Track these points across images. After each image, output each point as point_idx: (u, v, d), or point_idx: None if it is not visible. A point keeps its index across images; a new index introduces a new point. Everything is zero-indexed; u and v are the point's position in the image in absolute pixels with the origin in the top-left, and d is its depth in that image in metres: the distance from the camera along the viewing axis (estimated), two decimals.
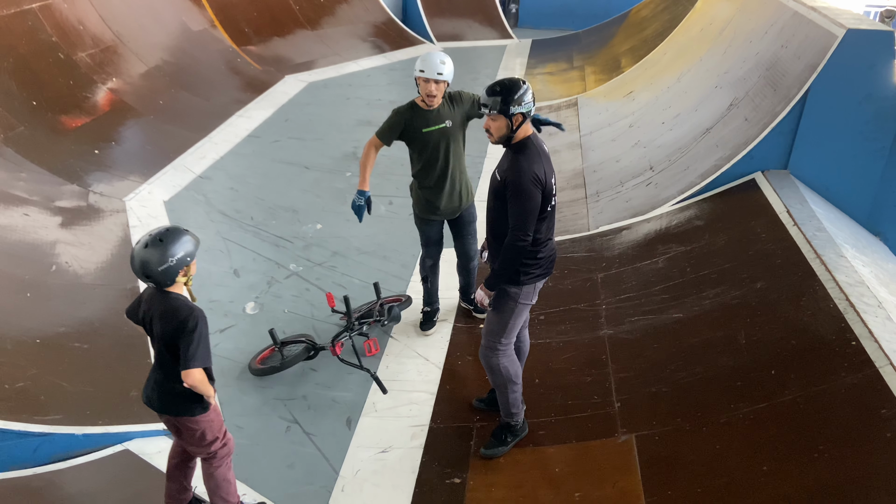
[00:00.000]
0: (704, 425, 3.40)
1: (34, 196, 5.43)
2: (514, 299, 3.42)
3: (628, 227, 5.61)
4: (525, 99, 3.18)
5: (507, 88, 3.17)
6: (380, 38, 13.04)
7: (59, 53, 7.25)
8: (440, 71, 4.08)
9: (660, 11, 11.79)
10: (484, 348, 3.58)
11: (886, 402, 2.97)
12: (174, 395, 2.87)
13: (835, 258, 4.06)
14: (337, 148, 8.13)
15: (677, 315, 4.28)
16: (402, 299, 4.99)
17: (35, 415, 3.60)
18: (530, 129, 3.30)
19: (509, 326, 3.48)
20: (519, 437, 3.72)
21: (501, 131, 3.23)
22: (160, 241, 2.68)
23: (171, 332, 2.75)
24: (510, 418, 3.69)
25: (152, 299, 2.83)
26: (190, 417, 2.91)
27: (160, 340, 2.80)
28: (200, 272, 5.33)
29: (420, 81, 4.14)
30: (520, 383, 3.63)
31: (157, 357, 2.87)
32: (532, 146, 3.25)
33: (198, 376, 2.77)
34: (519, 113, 3.18)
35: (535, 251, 3.35)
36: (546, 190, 3.22)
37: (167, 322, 2.76)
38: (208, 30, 10.16)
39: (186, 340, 2.72)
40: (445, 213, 4.47)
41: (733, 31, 7.50)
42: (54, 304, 4.54)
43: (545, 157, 3.28)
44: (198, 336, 2.74)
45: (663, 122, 7.20)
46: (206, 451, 3.01)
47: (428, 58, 4.12)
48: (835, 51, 4.92)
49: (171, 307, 2.76)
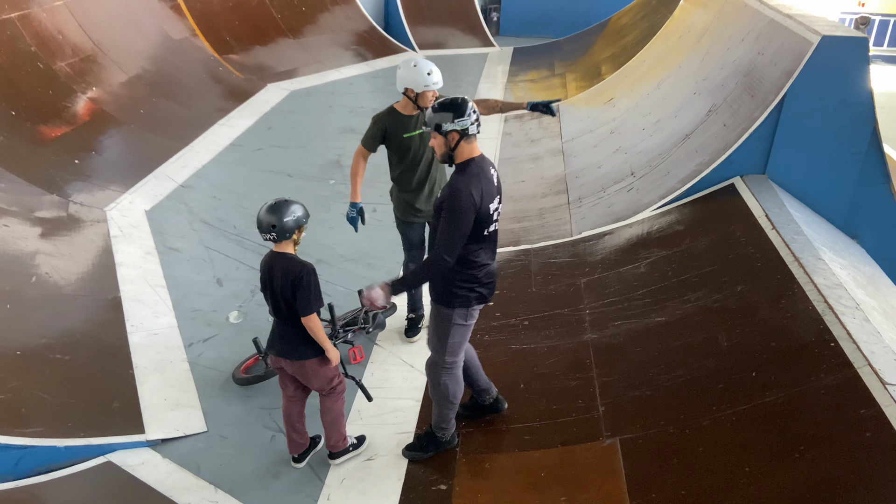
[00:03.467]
0: (687, 427, 3.43)
1: (13, 207, 5.38)
2: (448, 320, 3.42)
3: (611, 233, 5.66)
4: (461, 118, 3.17)
5: (445, 107, 3.21)
6: (362, 46, 13.06)
7: (39, 63, 7.20)
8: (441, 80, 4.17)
9: (639, 19, 11.92)
10: (429, 362, 3.62)
11: (865, 402, 3.02)
12: (298, 342, 3.40)
13: (813, 261, 4.12)
14: (320, 156, 8.13)
15: (660, 319, 4.31)
16: (387, 306, 4.98)
17: (16, 427, 3.56)
18: (477, 151, 3.28)
19: (448, 345, 3.47)
20: (441, 450, 3.74)
21: (441, 149, 3.26)
22: (279, 207, 3.27)
23: (289, 286, 3.27)
24: (437, 430, 3.72)
25: (271, 262, 3.35)
26: (314, 359, 3.44)
27: (281, 296, 3.31)
28: (182, 281, 5.33)
29: (426, 94, 4.16)
30: (456, 404, 3.64)
31: (276, 312, 3.39)
32: (474, 167, 3.22)
33: (316, 319, 3.34)
34: (453, 131, 3.18)
35: (471, 275, 3.32)
36: (482, 213, 3.18)
37: (285, 278, 3.28)
38: (189, 38, 10.12)
39: (303, 292, 3.27)
40: (426, 214, 4.49)
41: (711, 39, 7.60)
42: (35, 316, 4.49)
43: (486, 180, 3.22)
44: (311, 287, 3.30)
45: (644, 128, 7.28)
46: (328, 386, 3.56)
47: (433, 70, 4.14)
48: (810, 57, 5.00)
49: (287, 266, 3.30)
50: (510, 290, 5.21)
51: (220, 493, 3.55)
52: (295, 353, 3.44)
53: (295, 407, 3.66)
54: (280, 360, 3.49)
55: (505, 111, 4.55)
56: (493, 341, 4.62)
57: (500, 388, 4.05)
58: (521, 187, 7.30)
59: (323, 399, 3.63)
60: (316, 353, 3.44)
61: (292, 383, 3.61)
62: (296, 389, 3.63)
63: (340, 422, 3.69)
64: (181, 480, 3.63)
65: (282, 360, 3.48)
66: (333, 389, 3.59)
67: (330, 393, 3.60)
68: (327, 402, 3.62)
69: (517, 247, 5.89)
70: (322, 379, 3.53)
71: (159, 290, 5.17)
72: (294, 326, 3.36)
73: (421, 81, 4.12)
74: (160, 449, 3.83)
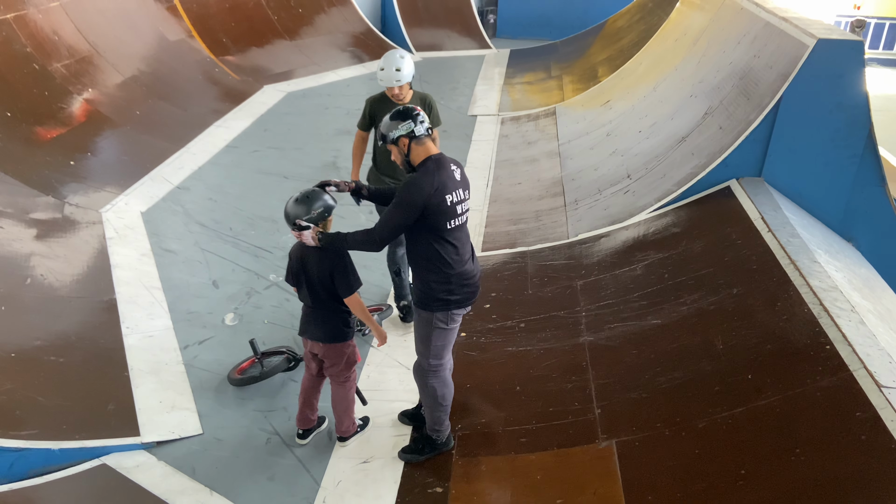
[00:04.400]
0: (684, 430, 3.43)
1: (8, 208, 5.36)
2: (429, 323, 3.44)
3: (607, 235, 5.66)
4: (404, 122, 3.27)
5: (391, 117, 3.34)
6: (358, 47, 13.06)
7: (34, 64, 7.18)
8: (398, 78, 4.39)
9: (635, 22, 11.95)
10: (416, 366, 3.65)
11: (861, 404, 3.03)
12: (331, 325, 3.60)
13: (808, 264, 4.13)
14: (316, 157, 8.12)
15: (656, 321, 4.32)
16: (383, 308, 4.99)
17: (10, 430, 3.55)
18: (433, 150, 3.34)
19: (432, 347, 3.49)
20: (438, 452, 3.74)
21: (398, 157, 3.38)
22: (307, 198, 3.42)
23: (327, 270, 3.43)
24: (432, 433, 3.74)
25: (302, 253, 3.51)
26: (343, 343, 3.64)
27: (318, 281, 3.47)
28: (178, 283, 5.32)
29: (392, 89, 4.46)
30: (447, 404, 3.65)
31: (315, 299, 3.54)
32: (430, 164, 3.28)
33: (358, 297, 3.52)
34: (401, 137, 3.28)
35: (445, 275, 3.33)
36: (435, 203, 3.21)
37: (322, 265, 3.43)
38: (186, 40, 10.11)
39: (341, 274, 3.44)
40: None
41: (707, 42, 7.62)
42: (29, 318, 4.48)
43: (445, 173, 3.26)
44: (348, 268, 3.47)
45: (640, 130, 7.29)
46: (345, 374, 3.73)
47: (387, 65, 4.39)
48: (806, 60, 5.01)
49: (320, 254, 3.44)
50: (506, 293, 5.21)
51: (216, 496, 3.54)
52: (327, 336, 3.63)
53: (315, 383, 3.85)
54: (313, 343, 3.67)
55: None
56: (489, 343, 4.62)
57: (496, 390, 4.06)
58: (518, 189, 7.31)
59: (337, 388, 3.79)
60: (346, 336, 3.66)
61: (317, 366, 3.78)
62: (318, 373, 3.82)
63: (352, 408, 3.87)
64: (176, 483, 3.61)
65: (314, 343, 3.66)
66: (348, 378, 3.76)
67: (344, 382, 3.76)
68: (341, 391, 3.79)
69: (513, 249, 5.89)
70: (346, 361, 3.71)
71: (155, 292, 5.15)
72: (332, 310, 3.57)
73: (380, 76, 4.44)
74: (155, 451, 3.81)
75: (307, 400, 3.86)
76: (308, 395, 3.85)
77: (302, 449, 3.87)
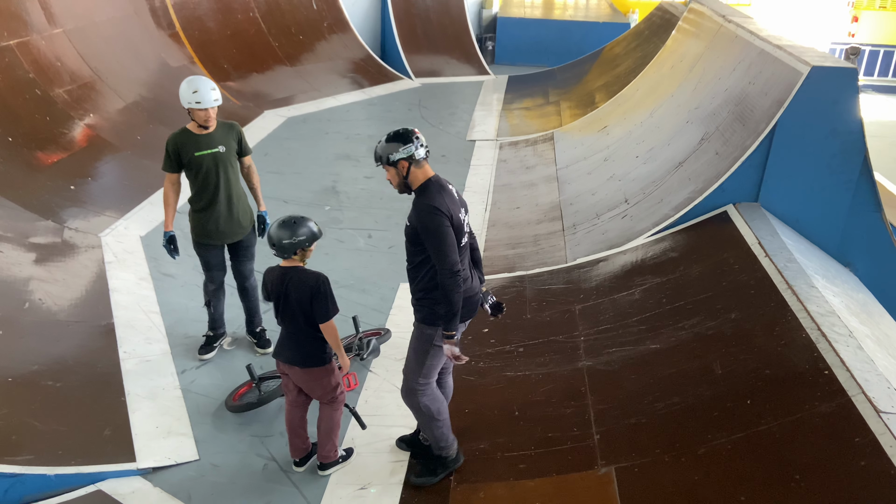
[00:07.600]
0: (683, 456, 3.42)
1: (8, 232, 5.37)
2: (429, 340, 3.44)
3: (605, 259, 5.68)
4: (406, 145, 3.26)
5: (390, 139, 3.31)
6: (358, 73, 13.19)
7: (37, 90, 7.24)
8: (216, 98, 4.24)
9: (632, 49, 12.09)
10: (403, 389, 3.62)
11: (859, 430, 3.02)
12: (308, 350, 3.56)
13: (806, 288, 4.14)
14: (316, 182, 8.16)
15: (654, 346, 4.32)
16: (382, 332, 4.99)
17: (6, 455, 3.52)
18: (430, 172, 3.36)
19: (426, 367, 3.50)
20: (451, 469, 3.72)
21: (395, 179, 3.36)
22: (294, 224, 3.45)
23: (306, 297, 3.44)
24: (440, 452, 3.71)
25: (282, 277, 3.50)
26: (321, 367, 3.59)
27: (297, 306, 3.46)
28: (176, 307, 5.31)
29: (195, 112, 4.23)
30: (444, 418, 3.63)
31: (292, 323, 3.53)
32: (432, 186, 3.31)
33: (333, 325, 3.50)
34: (402, 160, 3.27)
35: None
36: (454, 222, 3.25)
37: (302, 289, 3.44)
38: (188, 66, 10.21)
39: (320, 300, 3.44)
40: (224, 236, 4.53)
41: (703, 69, 7.70)
42: (27, 342, 4.47)
43: (447, 194, 3.31)
44: (328, 295, 3.47)
45: (637, 155, 7.34)
46: (330, 395, 3.69)
47: (201, 88, 4.19)
48: (800, 87, 5.07)
49: (301, 278, 3.48)
50: (505, 317, 5.19)
51: None
52: (303, 360, 3.58)
53: (297, 412, 3.78)
54: (287, 367, 3.62)
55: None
56: (487, 368, 4.61)
57: (494, 415, 4.03)
58: (516, 214, 7.34)
59: (323, 407, 3.75)
60: (323, 362, 3.60)
61: (296, 389, 3.72)
62: (298, 395, 3.74)
63: (335, 432, 3.79)
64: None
65: (289, 367, 3.61)
66: (335, 399, 3.71)
67: (331, 402, 3.72)
68: (328, 410, 3.74)
69: (512, 273, 5.90)
70: (325, 388, 3.66)
71: (153, 317, 5.15)
72: (306, 335, 3.53)
73: (185, 98, 4.20)
74: (151, 477, 3.78)
75: (293, 429, 3.81)
76: (293, 425, 3.79)
77: (299, 475, 3.83)
